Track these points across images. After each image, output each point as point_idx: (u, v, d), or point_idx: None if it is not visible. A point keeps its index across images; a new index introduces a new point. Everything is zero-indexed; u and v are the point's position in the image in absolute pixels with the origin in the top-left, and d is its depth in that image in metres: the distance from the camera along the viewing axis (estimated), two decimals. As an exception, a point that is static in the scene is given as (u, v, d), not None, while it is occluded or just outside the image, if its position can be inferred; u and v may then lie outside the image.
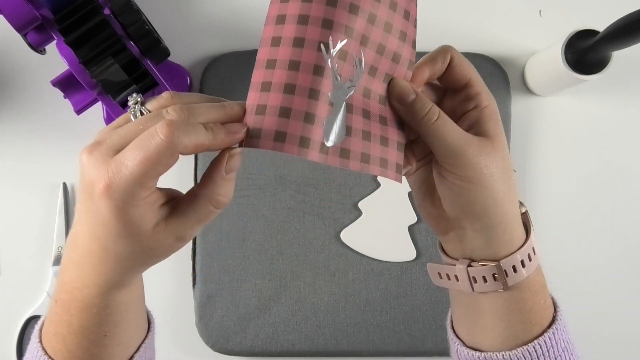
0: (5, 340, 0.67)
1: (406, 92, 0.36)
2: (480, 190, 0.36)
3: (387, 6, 0.35)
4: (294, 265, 0.67)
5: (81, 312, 0.36)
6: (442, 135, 0.36)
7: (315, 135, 0.33)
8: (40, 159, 0.69)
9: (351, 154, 0.35)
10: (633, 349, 0.69)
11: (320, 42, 0.33)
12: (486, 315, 0.40)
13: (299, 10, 0.33)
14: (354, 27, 0.34)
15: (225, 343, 0.66)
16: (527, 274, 0.38)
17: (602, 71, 0.59)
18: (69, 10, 0.54)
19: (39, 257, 0.68)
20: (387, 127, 0.37)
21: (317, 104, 0.33)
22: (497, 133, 0.38)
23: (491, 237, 0.38)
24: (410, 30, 0.37)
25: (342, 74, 0.34)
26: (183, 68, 0.68)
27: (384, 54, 0.36)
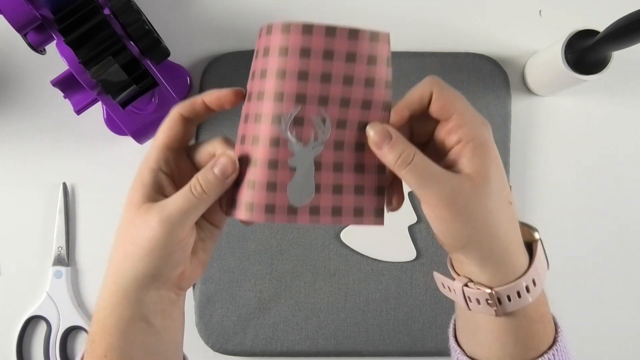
0: (5, 340, 0.67)
1: (378, 140, 0.36)
2: (462, 229, 0.36)
3: (343, 60, 0.36)
4: (294, 265, 0.67)
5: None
6: (416, 180, 0.36)
7: (279, 200, 0.36)
8: (41, 159, 0.69)
9: (321, 209, 0.37)
10: (634, 349, 0.69)
11: (273, 115, 0.36)
12: (482, 332, 0.40)
13: (257, 88, 0.36)
14: (306, 93, 0.36)
15: (225, 343, 0.66)
16: (523, 304, 0.38)
17: (602, 71, 0.59)
18: (69, 10, 0.54)
19: (39, 257, 0.68)
20: (364, 175, 0.38)
21: (277, 173, 0.36)
22: (482, 168, 0.36)
23: (483, 266, 0.38)
24: (380, 72, 0.37)
25: (302, 137, 0.36)
26: (183, 68, 0.68)
27: (350, 105, 0.37)
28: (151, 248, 0.36)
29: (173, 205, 0.36)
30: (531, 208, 0.69)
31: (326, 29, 0.35)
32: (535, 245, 0.40)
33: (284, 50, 0.35)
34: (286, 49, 0.35)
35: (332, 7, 0.70)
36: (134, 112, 0.61)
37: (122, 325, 0.38)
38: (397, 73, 0.68)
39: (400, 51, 0.68)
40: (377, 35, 0.36)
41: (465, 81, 0.68)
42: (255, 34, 0.38)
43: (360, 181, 0.38)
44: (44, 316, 0.67)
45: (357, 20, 0.69)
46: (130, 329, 0.38)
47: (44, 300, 0.67)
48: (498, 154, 0.37)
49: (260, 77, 0.36)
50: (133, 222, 0.37)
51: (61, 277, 0.67)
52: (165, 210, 0.36)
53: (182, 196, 0.36)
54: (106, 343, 0.38)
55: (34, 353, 0.68)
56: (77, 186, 0.69)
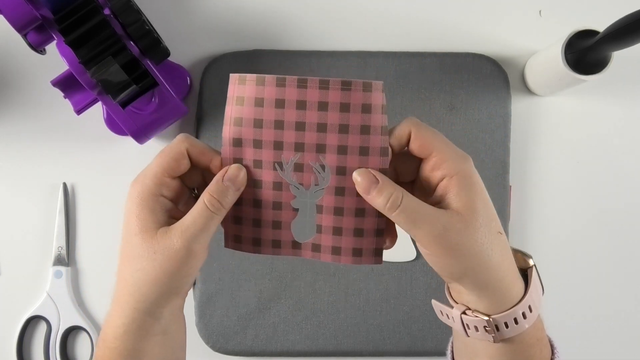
0: (5, 340, 0.67)
1: (366, 185, 0.38)
2: (455, 263, 0.37)
3: (337, 111, 0.38)
4: (294, 265, 0.67)
5: None
6: (406, 221, 0.37)
7: (284, 237, 0.41)
8: (41, 159, 0.69)
9: (322, 248, 0.40)
10: (634, 349, 0.69)
11: (274, 162, 0.39)
12: (480, 356, 0.41)
13: (252, 135, 0.39)
14: (304, 142, 0.38)
15: (225, 343, 0.66)
16: (520, 330, 0.39)
17: (602, 71, 0.59)
18: (69, 10, 0.54)
19: (39, 257, 0.68)
20: (364, 219, 0.40)
21: (281, 213, 0.40)
22: (470, 201, 0.37)
23: (480, 296, 0.39)
24: (375, 120, 0.38)
25: (303, 182, 0.39)
26: (183, 68, 0.68)
27: (348, 152, 0.38)
28: (176, 270, 0.38)
29: (193, 225, 0.38)
30: (531, 208, 0.69)
31: (319, 82, 0.38)
32: (530, 272, 0.40)
33: (280, 103, 0.38)
34: (282, 101, 0.38)
35: (332, 7, 0.70)
36: (134, 112, 0.61)
37: (143, 344, 0.40)
38: (397, 73, 0.69)
39: (400, 51, 0.68)
40: (370, 85, 0.38)
41: (465, 81, 0.68)
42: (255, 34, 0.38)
43: (360, 224, 0.40)
44: (44, 316, 0.67)
45: (356, 20, 0.70)
46: (150, 347, 0.40)
47: (44, 300, 0.67)
48: (483, 185, 0.38)
49: (254, 126, 0.38)
50: (153, 250, 0.38)
51: (61, 277, 0.67)
52: (187, 232, 0.37)
53: (200, 214, 0.38)
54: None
55: (34, 353, 0.68)
56: (77, 186, 0.69)
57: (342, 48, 0.69)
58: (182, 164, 0.39)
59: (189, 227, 0.38)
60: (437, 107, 0.68)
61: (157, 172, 0.39)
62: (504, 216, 0.67)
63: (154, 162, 0.39)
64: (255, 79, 0.38)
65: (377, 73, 0.68)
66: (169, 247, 0.37)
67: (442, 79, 0.68)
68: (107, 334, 0.40)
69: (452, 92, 0.68)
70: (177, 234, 0.37)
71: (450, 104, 0.68)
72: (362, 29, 0.70)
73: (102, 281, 0.68)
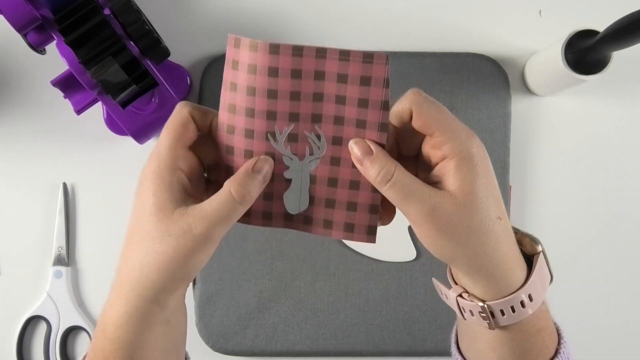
0: (5, 340, 0.67)
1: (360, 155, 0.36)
2: (446, 245, 0.36)
3: (334, 82, 0.36)
4: (294, 265, 0.67)
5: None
6: (396, 197, 0.35)
7: (275, 208, 0.39)
8: (40, 159, 0.69)
9: (314, 221, 0.39)
10: (633, 348, 0.69)
11: (267, 132, 0.37)
12: (480, 341, 0.40)
13: (245, 104, 0.36)
14: (299, 112, 0.36)
15: (225, 343, 0.66)
16: (519, 318, 0.37)
17: (602, 71, 0.59)
18: (69, 10, 0.54)
19: (39, 257, 0.68)
20: (359, 192, 0.38)
21: (273, 184, 0.38)
22: (467, 185, 0.35)
23: (475, 281, 0.37)
24: (375, 93, 0.36)
25: (297, 153, 0.37)
26: (183, 68, 0.68)
27: (345, 123, 0.37)
28: (190, 256, 0.35)
29: (217, 212, 0.35)
30: (531, 208, 0.69)
31: (316, 51, 0.35)
32: (535, 259, 0.38)
33: (274, 71, 0.35)
34: (276, 70, 0.35)
35: (332, 7, 0.70)
36: (134, 112, 0.61)
37: (146, 335, 0.37)
38: (397, 73, 0.68)
39: (400, 51, 0.68)
40: (371, 56, 0.35)
41: (465, 81, 0.68)
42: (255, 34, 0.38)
43: (354, 198, 0.38)
44: (44, 316, 0.67)
45: (356, 20, 0.70)
46: (153, 337, 0.37)
47: (44, 300, 0.67)
48: (487, 166, 0.36)
49: (247, 94, 0.36)
50: (167, 232, 0.35)
51: (61, 277, 0.67)
52: (208, 219, 0.35)
53: (224, 203, 0.35)
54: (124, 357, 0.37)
55: (34, 353, 0.68)
56: (77, 186, 0.69)
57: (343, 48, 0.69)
58: (190, 128, 0.37)
59: (212, 214, 0.35)
60: (437, 107, 0.68)
61: (169, 142, 0.36)
62: (504, 216, 0.67)
63: (163, 135, 0.37)
64: (248, 43, 0.35)
65: (377, 73, 0.68)
66: (186, 231, 0.34)
67: (442, 79, 0.68)
68: (107, 324, 0.37)
69: (452, 92, 0.68)
70: (198, 219, 0.35)
71: (450, 104, 0.68)
72: (362, 29, 0.70)
73: (102, 281, 0.68)
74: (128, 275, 0.36)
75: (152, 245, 0.35)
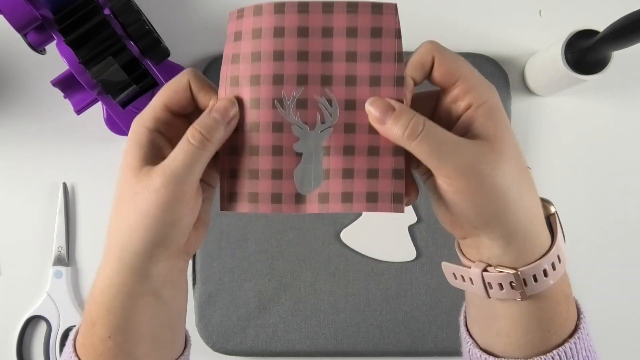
0: (5, 340, 0.67)
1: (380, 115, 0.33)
2: (486, 202, 0.33)
3: (344, 36, 0.34)
4: (294, 265, 0.67)
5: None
6: (430, 150, 0.32)
7: (285, 189, 0.35)
8: (41, 159, 0.69)
9: (330, 196, 0.35)
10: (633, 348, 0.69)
11: (274, 99, 0.34)
12: (501, 320, 0.37)
13: (250, 72, 0.34)
14: (307, 74, 0.34)
15: (225, 343, 0.66)
16: (549, 283, 0.35)
17: (602, 71, 0.59)
18: (69, 10, 0.54)
19: (39, 257, 0.68)
20: (379, 158, 0.35)
21: (282, 159, 0.35)
22: (499, 132, 0.33)
23: (509, 245, 0.34)
24: (388, 45, 0.34)
25: (307, 121, 0.34)
26: (183, 68, 0.68)
27: (357, 83, 0.34)
28: (159, 214, 0.33)
29: (174, 162, 0.33)
30: (531, 208, 0.69)
31: (323, 5, 0.34)
32: (553, 219, 0.37)
33: (280, 31, 0.33)
34: (282, 29, 0.33)
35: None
36: (134, 112, 0.61)
37: (130, 304, 0.35)
38: (397, 73, 0.68)
39: (400, 51, 0.68)
40: (381, 6, 0.34)
41: (465, 81, 0.68)
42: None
43: (374, 164, 0.35)
44: (44, 316, 0.67)
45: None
46: (138, 307, 0.36)
47: (44, 300, 0.67)
48: (508, 119, 0.35)
49: (251, 61, 0.34)
50: (134, 190, 0.34)
51: (61, 277, 0.67)
52: (167, 170, 0.33)
53: (181, 150, 0.33)
54: (111, 325, 0.36)
55: (34, 353, 0.68)
56: (77, 186, 0.69)
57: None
58: (182, 96, 0.35)
59: (170, 166, 0.33)
60: (437, 107, 0.68)
61: (154, 103, 0.35)
62: (504, 216, 0.67)
63: (155, 96, 0.36)
64: (252, 8, 0.34)
65: (377, 73, 0.68)
66: (148, 187, 0.33)
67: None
68: (95, 287, 0.36)
69: (452, 92, 0.68)
70: (159, 173, 0.33)
71: (450, 104, 0.68)
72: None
73: (102, 281, 0.68)
74: (109, 236, 0.36)
75: (122, 205, 0.35)
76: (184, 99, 0.35)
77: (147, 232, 0.34)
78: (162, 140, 0.35)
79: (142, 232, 0.34)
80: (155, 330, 0.37)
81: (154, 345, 0.37)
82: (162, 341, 0.38)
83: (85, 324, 0.37)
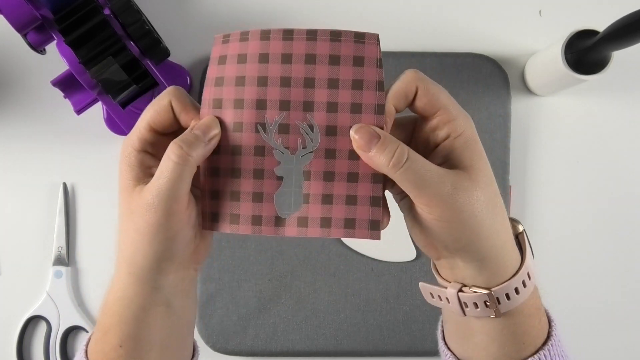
0: (5, 340, 0.67)
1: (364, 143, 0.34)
2: (462, 229, 0.34)
3: (326, 63, 0.35)
4: (294, 265, 0.67)
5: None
6: (413, 180, 0.33)
7: (265, 211, 0.36)
8: (41, 159, 0.69)
9: (309, 220, 0.36)
10: (633, 346, 0.69)
11: (256, 123, 0.35)
12: (477, 335, 0.39)
13: (233, 95, 0.35)
14: (289, 99, 0.35)
15: (225, 343, 0.66)
16: (521, 300, 0.37)
17: (602, 71, 0.59)
18: (69, 10, 0.54)
19: (39, 257, 0.68)
20: (358, 184, 0.36)
21: (263, 182, 0.36)
22: (475, 162, 0.35)
23: (482, 267, 0.36)
24: (369, 74, 0.35)
25: (289, 145, 0.35)
26: (183, 68, 0.68)
27: (339, 109, 0.35)
28: (156, 230, 0.34)
29: (159, 180, 0.34)
30: (531, 208, 0.69)
31: (307, 32, 0.35)
32: (522, 238, 0.38)
33: (264, 57, 0.35)
34: (267, 55, 0.35)
35: (331, 7, 0.70)
36: (134, 112, 0.61)
37: (141, 315, 0.37)
38: (397, 73, 0.68)
39: (400, 51, 0.68)
40: (363, 35, 0.35)
41: (465, 81, 0.68)
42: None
43: (353, 191, 0.36)
44: (44, 316, 0.67)
45: (356, 20, 0.69)
46: (149, 317, 0.37)
47: (44, 300, 0.67)
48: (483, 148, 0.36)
49: (235, 84, 0.35)
50: (130, 209, 0.35)
51: (61, 277, 0.67)
52: (154, 189, 0.34)
53: (164, 167, 0.34)
54: (122, 333, 0.37)
55: (34, 353, 0.68)
56: (77, 186, 0.69)
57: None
58: (164, 117, 0.36)
59: (155, 183, 0.34)
60: (437, 107, 0.68)
61: (139, 125, 0.36)
62: (504, 216, 0.67)
63: (140, 117, 0.36)
64: (239, 34, 0.35)
65: (377, 73, 0.68)
66: (141, 206, 0.34)
67: (442, 79, 0.67)
68: (108, 300, 0.38)
69: (452, 92, 0.66)
70: (149, 191, 0.34)
71: (450, 104, 0.68)
72: (363, 29, 0.69)
73: (102, 281, 0.68)
74: (118, 250, 0.37)
75: (124, 221, 0.36)
76: (167, 119, 0.36)
77: (148, 248, 0.35)
78: (150, 159, 0.36)
79: (143, 248, 0.35)
80: (165, 339, 0.38)
81: (163, 353, 0.38)
82: (171, 350, 0.39)
83: (97, 331, 0.38)
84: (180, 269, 0.37)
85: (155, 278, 0.36)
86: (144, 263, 0.36)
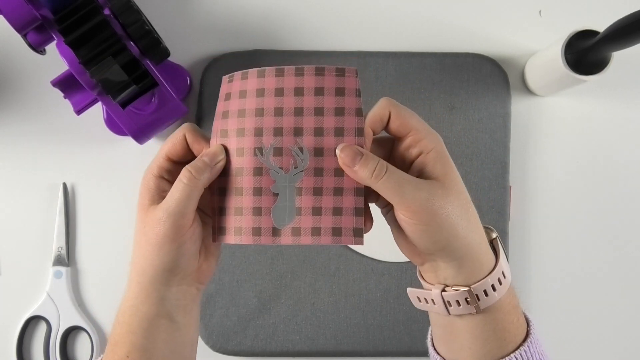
0: (5, 340, 0.67)
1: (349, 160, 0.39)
2: (439, 230, 0.39)
3: (312, 95, 0.41)
4: (294, 265, 0.67)
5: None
6: (393, 188, 0.39)
7: (264, 223, 0.41)
8: (40, 159, 0.69)
9: (302, 230, 0.41)
10: (633, 347, 0.69)
11: (255, 148, 0.41)
12: (462, 335, 0.43)
13: (236, 126, 0.41)
14: (282, 127, 0.41)
15: (225, 343, 0.66)
16: (498, 296, 0.41)
17: (602, 72, 0.59)
18: (69, 10, 0.54)
19: (39, 257, 0.68)
20: (343, 197, 0.41)
21: (261, 199, 0.41)
22: (447, 172, 0.40)
23: (460, 266, 0.41)
24: (350, 102, 0.41)
25: (283, 166, 0.41)
26: (183, 68, 0.68)
27: (324, 133, 0.41)
28: (162, 242, 0.40)
29: (171, 198, 0.40)
30: (531, 208, 0.69)
31: (295, 69, 0.40)
32: (496, 242, 0.43)
33: (261, 92, 0.41)
34: (263, 90, 0.41)
35: (332, 7, 0.70)
36: (134, 112, 0.61)
37: (146, 324, 0.41)
38: (397, 73, 0.69)
39: (400, 51, 0.68)
40: (343, 70, 0.40)
41: (465, 81, 0.68)
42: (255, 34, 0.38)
43: (339, 203, 0.41)
44: (44, 316, 0.67)
45: (356, 20, 0.70)
46: (154, 327, 0.41)
47: (44, 300, 0.67)
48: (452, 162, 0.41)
49: (237, 116, 0.41)
50: (144, 224, 0.41)
51: (61, 277, 0.67)
52: (165, 206, 0.40)
53: (176, 189, 0.40)
54: (129, 343, 0.41)
55: (34, 353, 0.68)
56: (77, 186, 0.69)
57: (342, 48, 0.69)
58: (179, 148, 0.42)
59: (167, 201, 0.40)
60: (437, 107, 0.68)
61: (159, 155, 0.42)
62: (503, 216, 0.67)
63: (160, 148, 0.43)
64: (240, 74, 0.41)
65: (377, 73, 0.68)
66: (153, 220, 0.40)
67: (442, 79, 0.68)
68: (119, 311, 0.43)
69: (452, 92, 0.68)
70: (160, 208, 0.40)
71: (450, 104, 0.68)
72: (362, 29, 0.70)
73: (102, 281, 0.68)
74: (132, 264, 0.42)
75: (137, 237, 0.42)
76: (181, 149, 0.42)
77: (157, 258, 0.40)
78: (166, 184, 0.42)
79: (152, 258, 0.40)
80: (169, 355, 0.42)
81: None
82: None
83: (109, 344, 0.43)
84: (183, 283, 0.42)
85: (159, 289, 0.41)
86: (151, 272, 0.41)
